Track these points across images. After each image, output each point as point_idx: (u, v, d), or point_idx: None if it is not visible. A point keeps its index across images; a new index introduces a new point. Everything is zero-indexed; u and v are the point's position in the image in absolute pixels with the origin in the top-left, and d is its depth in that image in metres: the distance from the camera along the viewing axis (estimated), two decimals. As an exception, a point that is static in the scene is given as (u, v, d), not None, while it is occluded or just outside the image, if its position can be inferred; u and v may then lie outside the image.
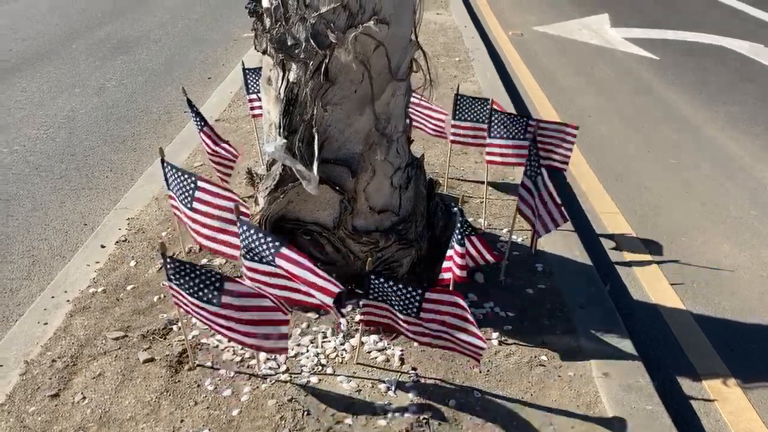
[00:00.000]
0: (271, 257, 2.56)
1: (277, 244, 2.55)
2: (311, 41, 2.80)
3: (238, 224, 2.65)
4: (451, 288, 2.99)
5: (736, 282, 3.82)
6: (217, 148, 3.82)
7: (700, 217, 4.44)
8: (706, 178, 4.96)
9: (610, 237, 4.23)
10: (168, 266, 2.54)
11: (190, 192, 3.10)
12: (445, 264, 3.06)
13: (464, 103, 4.10)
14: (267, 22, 2.95)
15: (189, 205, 3.11)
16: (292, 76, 2.97)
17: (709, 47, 8.12)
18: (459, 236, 2.88)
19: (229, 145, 3.87)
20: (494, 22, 9.51)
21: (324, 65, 2.87)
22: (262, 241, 2.57)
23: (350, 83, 2.95)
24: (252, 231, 2.61)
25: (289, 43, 2.86)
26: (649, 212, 4.51)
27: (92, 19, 9.46)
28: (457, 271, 2.96)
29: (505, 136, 3.82)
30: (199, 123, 3.80)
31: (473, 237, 3.16)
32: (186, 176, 3.11)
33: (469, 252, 3.13)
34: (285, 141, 3.06)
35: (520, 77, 7.23)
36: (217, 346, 3.03)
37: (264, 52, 3.05)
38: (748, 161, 5.22)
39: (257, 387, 2.80)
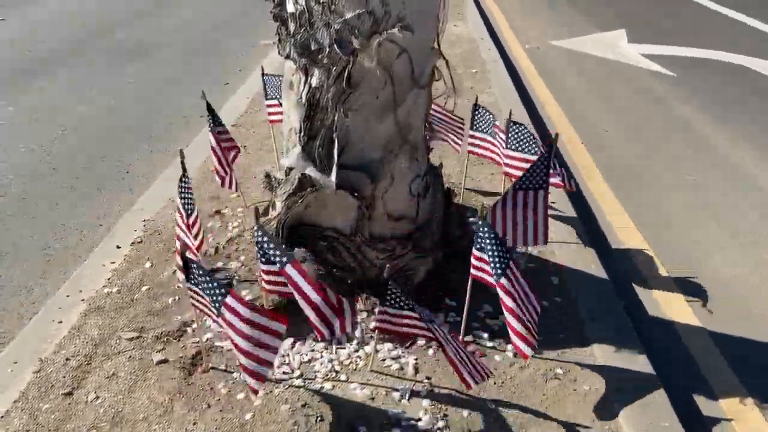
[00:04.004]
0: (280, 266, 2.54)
1: (284, 259, 2.52)
2: (335, 47, 2.80)
3: (255, 230, 2.63)
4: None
5: (753, 299, 3.77)
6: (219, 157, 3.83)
7: (716, 234, 4.41)
8: (721, 195, 4.92)
9: (626, 252, 4.20)
10: (188, 267, 2.54)
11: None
12: (475, 267, 2.84)
13: (482, 114, 4.10)
14: (291, 26, 2.95)
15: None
16: (314, 81, 2.98)
17: (727, 65, 8.09)
18: (479, 243, 2.81)
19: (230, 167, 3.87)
20: (511, 35, 9.53)
21: (347, 71, 2.87)
22: (273, 251, 2.56)
23: (372, 89, 2.95)
24: (265, 239, 2.59)
25: (312, 48, 2.87)
26: (665, 228, 4.48)
27: (109, 23, 9.56)
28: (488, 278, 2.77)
29: (522, 149, 3.81)
30: (212, 126, 3.80)
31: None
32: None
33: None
34: (301, 150, 3.07)
35: (535, 90, 7.22)
36: (231, 350, 3.02)
37: (287, 57, 3.05)
38: (764, 178, 5.18)
39: (270, 391, 2.79)
